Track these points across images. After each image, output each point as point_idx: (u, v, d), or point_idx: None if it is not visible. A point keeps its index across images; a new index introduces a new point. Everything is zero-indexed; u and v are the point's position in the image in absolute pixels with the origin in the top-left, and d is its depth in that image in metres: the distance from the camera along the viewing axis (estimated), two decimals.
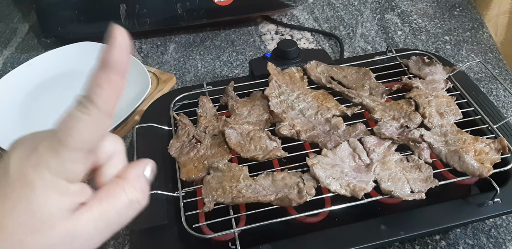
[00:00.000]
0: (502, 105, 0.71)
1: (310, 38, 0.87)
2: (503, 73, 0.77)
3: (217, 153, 0.52)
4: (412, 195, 0.46)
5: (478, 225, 0.55)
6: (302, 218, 0.48)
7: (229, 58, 0.83)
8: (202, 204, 0.46)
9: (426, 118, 0.53)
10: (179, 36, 0.89)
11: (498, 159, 0.49)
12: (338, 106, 0.56)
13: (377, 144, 0.51)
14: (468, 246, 0.53)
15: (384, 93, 0.58)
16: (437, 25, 0.88)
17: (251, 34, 0.89)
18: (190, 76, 0.80)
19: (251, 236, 0.47)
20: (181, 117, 0.56)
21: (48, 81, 0.77)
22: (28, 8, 0.98)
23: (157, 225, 0.47)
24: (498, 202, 0.47)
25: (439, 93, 0.57)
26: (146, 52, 0.85)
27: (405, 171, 0.48)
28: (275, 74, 0.60)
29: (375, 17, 0.91)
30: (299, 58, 0.64)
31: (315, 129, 0.54)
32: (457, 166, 0.48)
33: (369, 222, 0.47)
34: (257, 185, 0.47)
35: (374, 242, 0.45)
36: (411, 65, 0.63)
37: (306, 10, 0.94)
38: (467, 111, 0.56)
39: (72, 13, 0.81)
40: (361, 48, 0.84)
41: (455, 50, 0.82)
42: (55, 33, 0.83)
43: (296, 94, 0.58)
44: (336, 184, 0.46)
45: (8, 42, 0.90)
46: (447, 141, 0.51)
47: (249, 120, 0.55)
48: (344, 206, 0.46)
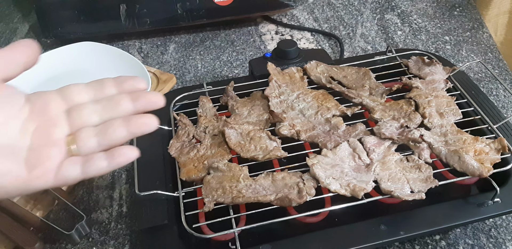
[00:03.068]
0: (502, 105, 0.71)
1: (310, 38, 0.87)
2: (503, 73, 0.77)
3: (217, 153, 0.52)
4: (412, 195, 0.46)
5: (478, 225, 0.55)
6: (302, 218, 0.48)
7: (229, 58, 0.83)
8: (202, 204, 0.46)
9: (426, 119, 0.53)
10: (179, 36, 0.89)
11: (498, 159, 0.49)
12: (338, 106, 0.56)
13: (377, 144, 0.51)
14: (468, 246, 0.53)
15: (384, 93, 0.58)
16: (437, 25, 0.88)
17: (251, 34, 0.89)
18: (190, 76, 0.80)
19: (251, 236, 0.47)
20: (181, 117, 0.56)
21: (48, 81, 0.77)
22: (28, 8, 0.98)
23: (157, 225, 0.47)
24: (498, 202, 0.47)
25: (439, 93, 0.57)
26: (146, 52, 0.85)
27: (405, 171, 0.48)
28: (275, 74, 0.60)
29: (375, 17, 0.91)
30: (299, 58, 0.64)
31: (315, 129, 0.54)
32: (457, 166, 0.48)
33: (369, 222, 0.47)
34: (257, 185, 0.47)
35: (374, 242, 0.45)
36: (411, 65, 0.63)
37: (306, 10, 0.94)
38: (467, 111, 0.56)
39: (72, 13, 0.81)
40: (361, 48, 0.84)
41: (455, 50, 0.82)
42: (55, 33, 0.83)
43: (296, 94, 0.58)
44: (336, 184, 0.46)
45: (8, 42, 0.90)
46: (447, 141, 0.51)
47: (249, 120, 0.55)
48: (344, 206, 0.46)
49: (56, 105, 0.32)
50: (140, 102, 0.31)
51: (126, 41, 0.88)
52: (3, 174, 0.28)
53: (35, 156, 0.29)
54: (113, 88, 0.33)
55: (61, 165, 0.30)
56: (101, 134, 0.30)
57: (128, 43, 0.88)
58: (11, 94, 0.31)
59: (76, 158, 0.30)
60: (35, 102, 0.31)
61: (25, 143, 0.30)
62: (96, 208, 0.59)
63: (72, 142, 0.30)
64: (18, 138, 0.29)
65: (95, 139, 0.30)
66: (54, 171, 0.29)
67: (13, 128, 0.29)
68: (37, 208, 0.57)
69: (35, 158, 0.29)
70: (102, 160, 0.30)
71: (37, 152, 0.29)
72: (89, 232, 0.56)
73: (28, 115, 0.30)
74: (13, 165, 0.28)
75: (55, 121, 0.31)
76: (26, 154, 0.29)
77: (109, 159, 0.30)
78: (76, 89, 0.33)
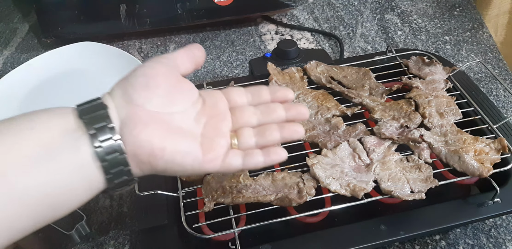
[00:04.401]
0: (502, 105, 0.71)
1: (310, 38, 0.87)
2: (503, 73, 0.77)
3: None
4: (412, 195, 0.46)
5: (478, 225, 0.55)
6: (302, 218, 0.48)
7: (229, 58, 0.83)
8: (202, 204, 0.46)
9: (426, 119, 0.53)
10: (179, 36, 0.89)
11: (498, 159, 0.49)
12: (338, 106, 0.56)
13: (377, 144, 0.51)
14: (468, 246, 0.53)
15: (384, 93, 0.58)
16: (437, 25, 0.88)
17: (251, 34, 0.89)
18: (190, 76, 0.80)
19: (251, 236, 0.47)
20: None
21: (48, 81, 0.77)
22: (28, 8, 0.98)
23: (157, 225, 0.47)
24: (498, 202, 0.47)
25: (439, 93, 0.57)
26: (146, 52, 0.85)
27: (405, 171, 0.48)
28: (275, 74, 0.60)
29: (375, 17, 0.91)
30: (299, 58, 0.64)
31: (315, 129, 0.54)
32: (457, 166, 0.48)
33: (369, 222, 0.47)
34: (257, 185, 0.47)
35: (374, 242, 0.45)
36: (411, 65, 0.63)
37: (306, 10, 0.94)
38: (467, 111, 0.56)
39: (72, 13, 0.81)
40: (361, 48, 0.84)
41: (455, 50, 0.82)
42: (55, 33, 0.83)
43: (296, 94, 0.58)
44: (336, 184, 0.46)
45: (8, 42, 0.90)
46: (447, 141, 0.51)
47: None
48: (344, 206, 0.46)
49: (223, 103, 0.36)
50: (291, 112, 0.36)
51: (126, 41, 0.88)
52: (186, 153, 0.32)
53: (208, 142, 0.33)
54: (267, 95, 0.37)
55: (227, 154, 0.34)
56: (259, 135, 0.35)
57: (128, 43, 0.88)
58: (190, 89, 0.35)
59: (238, 151, 0.34)
60: (206, 98, 0.36)
61: (199, 130, 0.34)
62: (96, 208, 0.59)
63: (233, 137, 0.35)
64: (194, 125, 0.34)
65: (254, 138, 0.35)
66: (222, 158, 0.33)
67: (191, 116, 0.34)
68: None
69: (208, 144, 0.33)
70: (260, 156, 0.34)
71: (209, 139, 0.34)
72: (89, 232, 0.56)
73: (201, 108, 0.35)
74: (194, 146, 0.33)
75: (223, 116, 0.36)
76: (201, 139, 0.33)
77: (265, 155, 0.34)
78: (238, 92, 0.37)
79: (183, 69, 0.35)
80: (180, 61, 0.35)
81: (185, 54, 0.36)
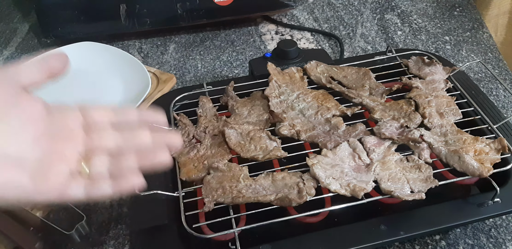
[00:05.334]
0: (502, 105, 0.71)
1: (310, 38, 0.87)
2: (503, 73, 0.77)
3: (217, 153, 0.52)
4: (412, 195, 0.46)
5: (478, 225, 0.55)
6: (302, 218, 0.48)
7: (229, 58, 0.83)
8: (202, 204, 0.46)
9: (426, 119, 0.53)
10: (179, 36, 0.89)
11: (498, 159, 0.49)
12: (338, 106, 0.56)
13: (377, 144, 0.51)
14: (468, 246, 0.53)
15: (384, 93, 0.58)
16: (437, 25, 0.88)
17: (251, 34, 0.89)
18: (190, 76, 0.80)
19: (251, 236, 0.47)
20: (181, 117, 0.56)
21: None
22: (28, 8, 0.97)
23: (157, 225, 0.47)
24: (498, 202, 0.47)
25: (439, 93, 0.57)
26: (146, 52, 0.85)
27: (405, 171, 0.48)
28: (275, 74, 0.60)
29: (375, 17, 0.91)
30: (299, 58, 0.64)
31: (315, 129, 0.54)
32: (457, 166, 0.48)
33: (369, 222, 0.47)
34: (257, 185, 0.47)
35: (374, 242, 0.45)
36: (411, 65, 0.63)
37: (306, 10, 0.94)
38: (467, 111, 0.56)
39: (72, 13, 0.81)
40: (361, 48, 0.84)
41: (455, 50, 0.82)
42: (55, 33, 0.83)
43: (296, 94, 0.58)
44: (336, 184, 0.46)
45: (8, 42, 0.90)
46: (447, 141, 0.51)
47: (249, 120, 0.55)
48: (344, 206, 0.46)
49: (75, 121, 0.32)
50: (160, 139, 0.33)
51: (126, 41, 0.88)
52: (4, 183, 0.28)
53: (44, 170, 0.29)
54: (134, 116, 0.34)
55: (67, 183, 0.30)
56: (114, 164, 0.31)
57: (128, 43, 0.88)
58: (30, 104, 0.31)
59: (82, 180, 0.31)
60: (54, 114, 0.31)
61: (36, 155, 0.29)
62: (96, 208, 0.59)
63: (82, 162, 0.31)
64: (29, 149, 0.29)
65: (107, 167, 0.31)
66: (60, 187, 0.30)
67: (27, 138, 0.29)
68: (37, 208, 0.57)
69: (43, 172, 0.29)
70: (107, 186, 0.31)
71: (46, 166, 0.29)
72: (89, 232, 0.56)
73: (45, 127, 0.30)
74: (18, 175, 0.28)
75: (71, 137, 0.31)
76: (35, 166, 0.29)
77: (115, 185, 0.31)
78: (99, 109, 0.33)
79: (28, 82, 0.31)
80: (25, 73, 0.31)
81: (34, 66, 0.31)
